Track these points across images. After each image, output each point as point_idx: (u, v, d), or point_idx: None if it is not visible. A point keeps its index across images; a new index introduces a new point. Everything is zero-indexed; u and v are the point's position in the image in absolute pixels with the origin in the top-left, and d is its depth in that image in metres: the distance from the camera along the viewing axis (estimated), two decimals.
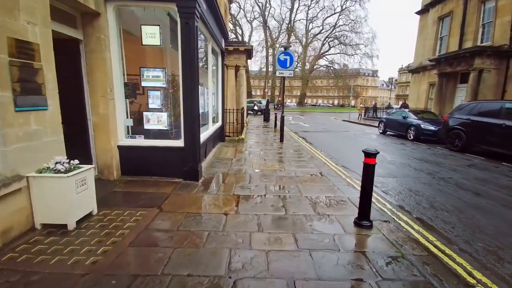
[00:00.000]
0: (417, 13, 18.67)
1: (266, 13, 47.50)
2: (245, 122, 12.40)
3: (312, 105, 65.45)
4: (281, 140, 9.17)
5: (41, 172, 2.63)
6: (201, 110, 6.25)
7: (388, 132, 13.00)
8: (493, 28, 12.85)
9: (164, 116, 4.46)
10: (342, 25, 45.99)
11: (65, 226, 2.71)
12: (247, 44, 12.28)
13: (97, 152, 4.23)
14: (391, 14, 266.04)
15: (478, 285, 2.22)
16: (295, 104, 58.30)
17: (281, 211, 3.40)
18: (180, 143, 4.42)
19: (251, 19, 48.42)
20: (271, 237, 2.75)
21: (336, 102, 74.99)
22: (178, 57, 4.20)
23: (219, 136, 8.33)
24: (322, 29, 47.90)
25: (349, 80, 57.67)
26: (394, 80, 56.44)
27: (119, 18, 4.24)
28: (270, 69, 51.77)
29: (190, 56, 4.13)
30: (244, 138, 9.34)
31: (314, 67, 51.95)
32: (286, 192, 4.11)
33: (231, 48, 11.48)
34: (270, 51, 49.73)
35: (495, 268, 2.49)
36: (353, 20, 44.90)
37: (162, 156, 4.43)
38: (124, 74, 4.46)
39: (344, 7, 45.13)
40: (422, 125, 10.34)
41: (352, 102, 40.27)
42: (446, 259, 2.57)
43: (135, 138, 4.50)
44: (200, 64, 6.23)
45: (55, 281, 1.99)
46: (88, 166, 2.96)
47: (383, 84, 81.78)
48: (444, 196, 4.41)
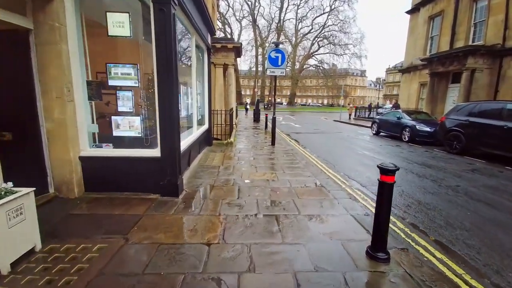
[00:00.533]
0: (408, 12, 18.52)
1: (256, 12, 47.01)
2: (234, 123, 11.75)
3: (302, 105, 65.33)
4: (273, 143, 8.58)
5: None
6: (184, 113, 5.59)
7: (381, 133, 12.67)
8: (485, 27, 12.71)
9: (136, 120, 3.76)
10: (331, 25, 46.12)
11: None
12: (236, 41, 11.62)
13: (53, 165, 3.50)
14: (377, 15, 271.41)
15: None
16: (285, 104, 57.95)
17: (277, 237, 2.79)
18: (156, 152, 3.74)
19: (240, 18, 47.79)
20: (266, 279, 2.14)
21: (325, 101, 75.32)
22: (152, 51, 3.53)
23: (206, 140, 7.66)
24: (312, 28, 47.86)
25: (338, 80, 57.92)
26: (381, 80, 57.08)
27: (79, 2, 3.52)
28: (260, 68, 51.26)
29: (167, 49, 3.47)
30: (233, 141, 8.69)
31: (304, 67, 51.80)
32: (281, 210, 3.51)
33: (218, 46, 10.80)
34: (260, 50, 49.24)
35: None
36: (342, 20, 45.10)
37: (134, 168, 3.74)
38: (88, 71, 3.76)
39: (333, 7, 45.24)
40: (417, 126, 10.00)
41: (341, 102, 40.37)
42: None
43: (102, 147, 3.79)
44: (183, 61, 5.56)
45: None
46: (25, 190, 2.26)
47: (371, 84, 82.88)
48: (457, 209, 3.94)
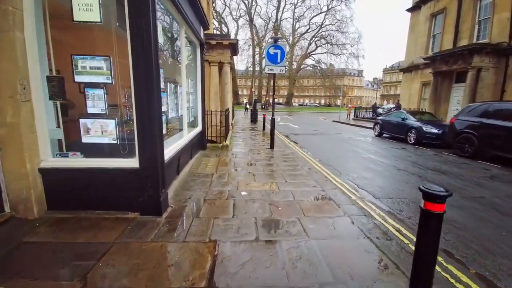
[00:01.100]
0: (408, 10, 18.06)
1: (252, 11, 46.44)
2: (230, 124, 11.12)
3: (300, 105, 64.85)
4: (272, 146, 7.97)
5: None
6: (172, 114, 4.94)
7: (384, 135, 12.14)
8: (490, 25, 12.26)
9: (111, 124, 3.12)
10: (328, 24, 45.74)
11: None
12: (231, 38, 11.01)
13: (6, 180, 2.85)
14: (373, 16, 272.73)
15: None
16: (282, 104, 57.42)
17: (282, 279, 2.17)
18: (133, 162, 3.11)
19: (237, 17, 47.17)
20: None
21: (322, 101, 74.95)
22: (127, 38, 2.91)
23: (199, 143, 7.02)
24: (309, 28, 47.41)
25: (336, 80, 57.59)
26: (378, 80, 56.90)
27: None
28: (257, 68, 50.70)
29: (145, 36, 2.84)
30: (229, 144, 8.07)
31: (301, 67, 51.31)
32: (285, 233, 2.90)
33: (213, 42, 10.18)
34: (257, 50, 48.68)
35: None
36: (339, 20, 44.75)
37: (108, 182, 3.10)
38: (52, 65, 3.11)
39: (330, 6, 44.86)
40: (424, 128, 9.46)
41: (338, 102, 39.96)
42: None
43: (68, 156, 3.15)
44: (171, 55, 4.93)
45: None
46: None
47: (368, 84, 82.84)
48: (489, 228, 3.37)
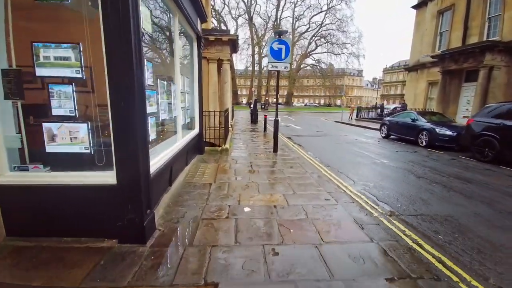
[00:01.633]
0: (414, 7, 17.50)
1: (252, 10, 45.83)
2: (230, 125, 10.51)
3: (305, 105, 64.22)
4: (275, 150, 7.36)
5: None
6: (164, 116, 4.31)
7: (392, 136, 11.55)
8: (501, 22, 11.72)
9: (82, 129, 2.51)
10: (328, 23, 45.19)
11: None
12: (231, 34, 10.40)
13: None
14: (373, 16, 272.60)
15: None
16: (281, 104, 56.82)
17: None
18: (109, 177, 2.48)
19: (236, 16, 46.53)
20: None
21: (322, 101, 74.39)
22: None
23: (196, 147, 6.39)
24: (309, 27, 46.84)
25: (336, 80, 57.05)
26: (378, 80, 56.41)
27: None
28: (257, 68, 50.11)
29: (121, 15, 2.23)
30: (228, 148, 7.45)
31: (301, 66, 50.72)
32: (304, 271, 2.28)
33: (212, 38, 9.56)
34: (256, 49, 48.06)
35: None
36: (339, 19, 44.19)
37: (79, 201, 2.48)
38: (11, 56, 2.50)
39: (330, 5, 44.29)
40: (437, 130, 8.85)
41: (338, 102, 39.40)
42: None
43: (28, 170, 2.52)
44: (161, 48, 4.31)
45: None
46: None
47: (367, 84, 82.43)
48: None
